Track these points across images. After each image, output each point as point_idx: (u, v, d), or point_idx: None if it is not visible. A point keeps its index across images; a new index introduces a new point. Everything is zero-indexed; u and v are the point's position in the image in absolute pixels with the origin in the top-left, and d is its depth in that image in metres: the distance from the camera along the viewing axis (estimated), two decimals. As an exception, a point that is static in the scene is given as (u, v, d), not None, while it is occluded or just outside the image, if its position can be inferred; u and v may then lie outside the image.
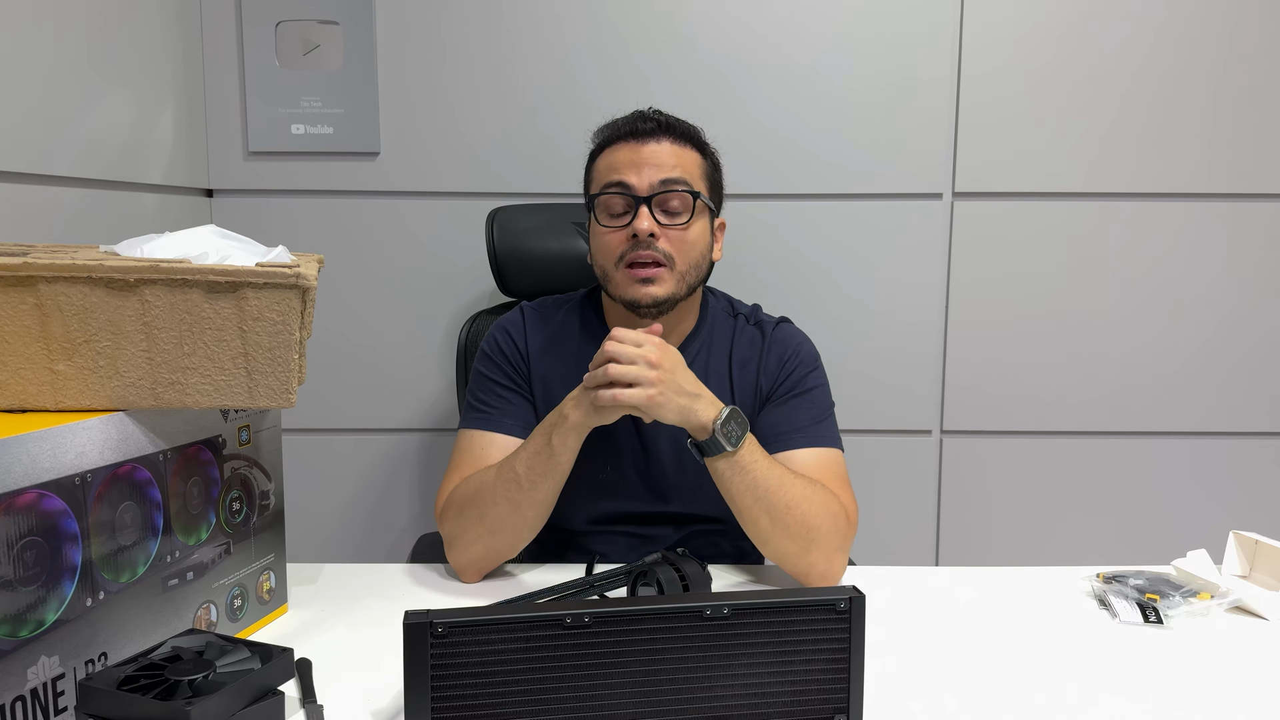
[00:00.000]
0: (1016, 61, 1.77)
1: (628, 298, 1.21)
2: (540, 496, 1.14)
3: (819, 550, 1.14)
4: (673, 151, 1.22)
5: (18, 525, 0.74)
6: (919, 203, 1.81)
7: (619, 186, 1.21)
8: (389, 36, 1.76)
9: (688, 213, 1.21)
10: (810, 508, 1.13)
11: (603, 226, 1.22)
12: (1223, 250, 1.82)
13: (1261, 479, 1.88)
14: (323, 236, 1.81)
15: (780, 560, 1.16)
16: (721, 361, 1.29)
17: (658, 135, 1.23)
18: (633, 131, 1.23)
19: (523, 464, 1.14)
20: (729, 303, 1.36)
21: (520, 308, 1.35)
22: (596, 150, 1.28)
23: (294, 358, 0.90)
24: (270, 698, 0.80)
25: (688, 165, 1.23)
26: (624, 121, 1.25)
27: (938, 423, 1.87)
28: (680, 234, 1.21)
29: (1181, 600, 1.07)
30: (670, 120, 1.25)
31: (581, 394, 1.12)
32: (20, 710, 0.75)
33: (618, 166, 1.22)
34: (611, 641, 0.76)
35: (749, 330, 1.32)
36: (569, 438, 1.12)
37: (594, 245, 1.26)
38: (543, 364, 1.29)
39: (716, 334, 1.31)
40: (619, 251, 1.20)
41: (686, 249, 1.21)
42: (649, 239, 1.18)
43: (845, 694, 0.79)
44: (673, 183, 1.20)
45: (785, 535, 1.13)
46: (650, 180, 1.20)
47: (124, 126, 1.52)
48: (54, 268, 0.83)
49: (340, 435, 1.88)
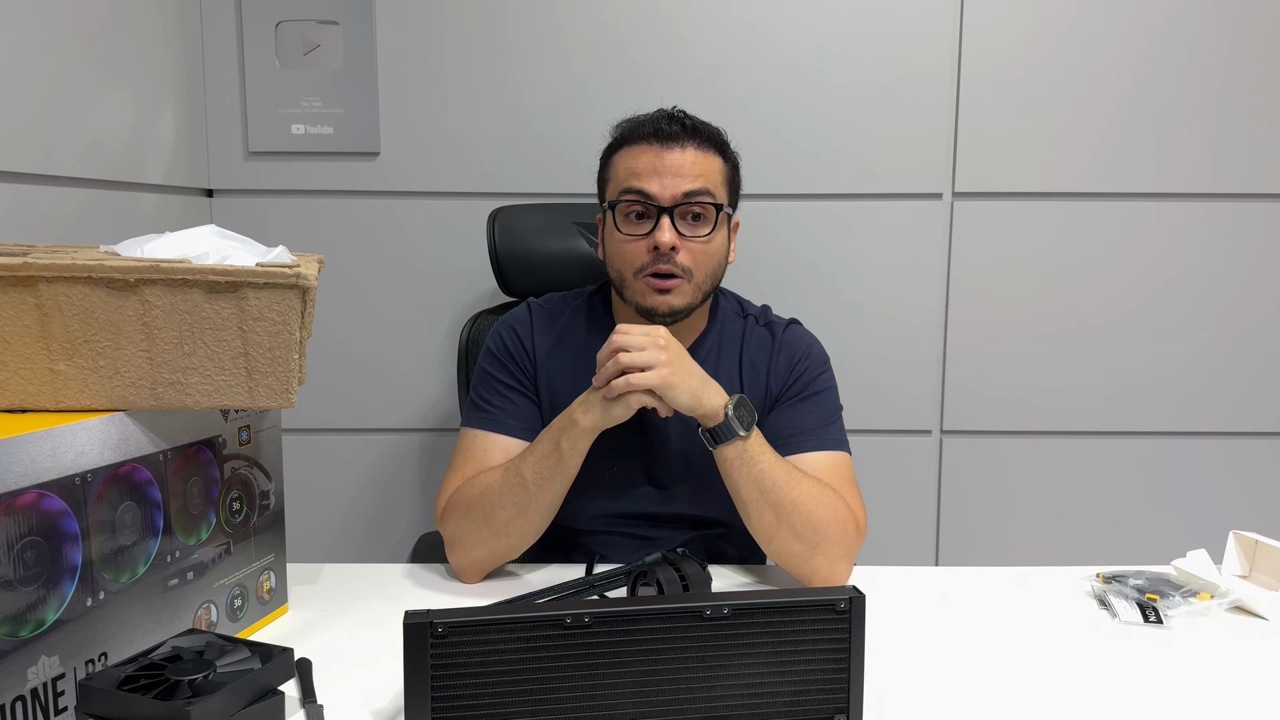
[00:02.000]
0: (1016, 61, 1.77)
1: (645, 306, 1.20)
2: (547, 500, 1.14)
3: (824, 554, 1.12)
4: (696, 159, 1.19)
5: (18, 525, 0.74)
6: (919, 203, 1.81)
7: (640, 195, 1.18)
8: (389, 36, 1.76)
9: (710, 224, 1.19)
10: (817, 508, 1.12)
11: (622, 234, 1.20)
12: (1223, 250, 1.82)
13: (1261, 479, 1.88)
14: (323, 236, 1.81)
15: (784, 561, 1.15)
16: (731, 363, 1.29)
17: (682, 140, 1.19)
18: (657, 134, 1.19)
19: (530, 468, 1.13)
20: (739, 303, 1.35)
21: (528, 304, 1.33)
22: (615, 145, 1.24)
23: (294, 358, 0.90)
24: (270, 698, 0.80)
25: (711, 173, 1.20)
26: (648, 121, 1.21)
27: (937, 423, 1.87)
28: (702, 246, 1.19)
29: (1181, 600, 1.07)
30: (696, 123, 1.21)
31: (590, 396, 1.11)
32: (20, 710, 0.75)
33: (639, 172, 1.18)
34: (611, 641, 0.76)
35: (759, 332, 1.31)
36: (578, 442, 1.12)
37: (610, 249, 1.23)
38: (549, 363, 1.28)
39: (727, 335, 1.30)
40: (639, 263, 1.18)
41: (706, 261, 1.20)
42: (670, 251, 1.16)
43: (845, 694, 0.79)
44: (696, 194, 1.17)
45: (791, 533, 1.12)
46: (674, 191, 1.17)
47: (124, 126, 1.53)
48: (54, 268, 0.83)
49: (340, 435, 1.88)
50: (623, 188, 1.19)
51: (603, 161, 1.27)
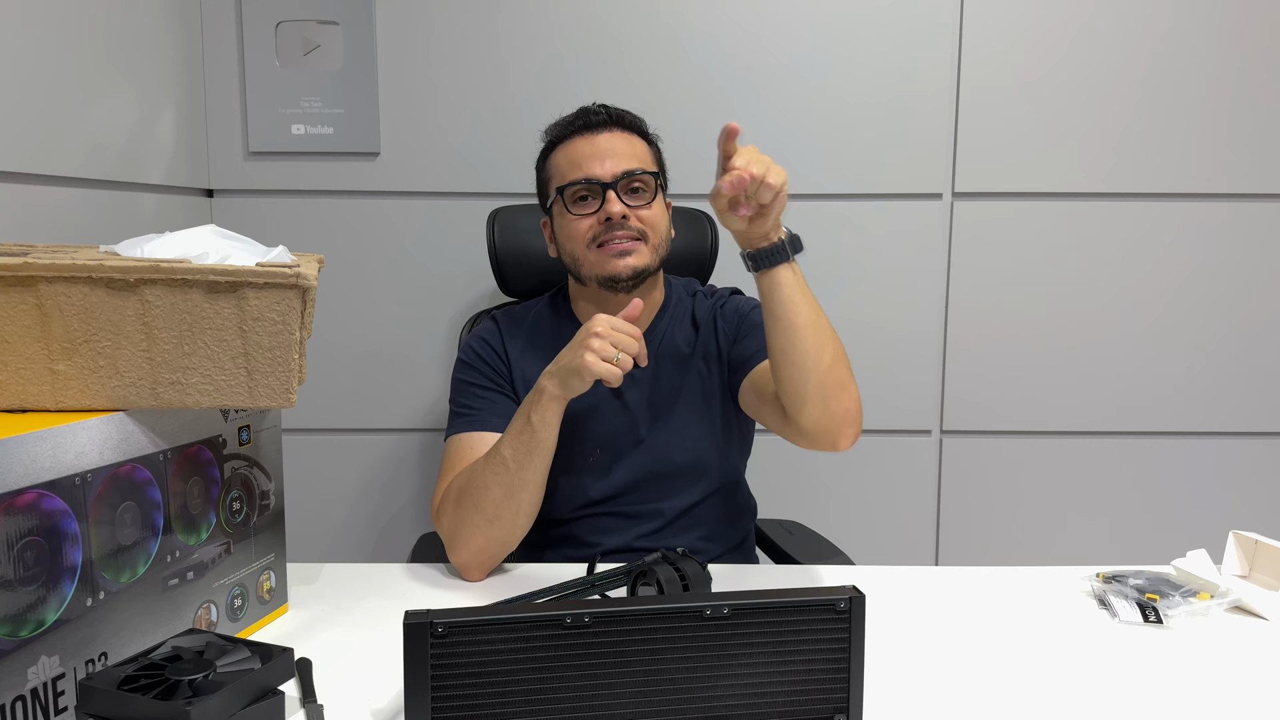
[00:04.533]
0: (1016, 61, 1.77)
1: (606, 273, 1.26)
2: (529, 477, 1.15)
3: (853, 387, 1.16)
4: (625, 141, 1.30)
5: (18, 525, 0.74)
6: (919, 203, 1.81)
7: (585, 177, 1.26)
8: (389, 36, 1.76)
9: (650, 193, 1.29)
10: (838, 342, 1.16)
11: (572, 215, 1.28)
12: (1223, 250, 1.82)
13: (1261, 479, 1.88)
14: (323, 236, 1.81)
15: (823, 393, 1.13)
16: (687, 328, 1.37)
17: (610, 126, 1.30)
18: (587, 125, 1.30)
19: (507, 446, 1.16)
20: (685, 286, 1.44)
21: (492, 316, 1.42)
22: (550, 147, 1.34)
23: (294, 358, 0.90)
24: (270, 698, 0.80)
25: (639, 152, 1.30)
26: (574, 117, 1.32)
27: (937, 423, 1.87)
28: (647, 212, 1.28)
29: (1181, 600, 1.07)
30: (617, 112, 1.32)
31: (553, 366, 1.16)
32: (20, 710, 0.75)
33: (579, 161, 1.28)
34: (611, 641, 0.76)
35: (705, 302, 1.40)
36: (547, 412, 1.15)
37: (562, 235, 1.31)
38: (523, 363, 1.33)
39: (680, 310, 1.39)
40: (590, 234, 1.26)
41: (655, 223, 1.29)
42: (621, 220, 1.25)
43: (845, 694, 0.79)
44: (632, 170, 1.27)
45: (835, 358, 1.14)
46: (613, 169, 1.26)
47: (124, 127, 1.53)
48: (54, 268, 0.83)
49: (340, 435, 1.88)
50: (568, 178, 1.28)
51: (538, 167, 1.36)
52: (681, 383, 1.34)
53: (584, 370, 1.10)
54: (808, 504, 1.85)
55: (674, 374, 1.34)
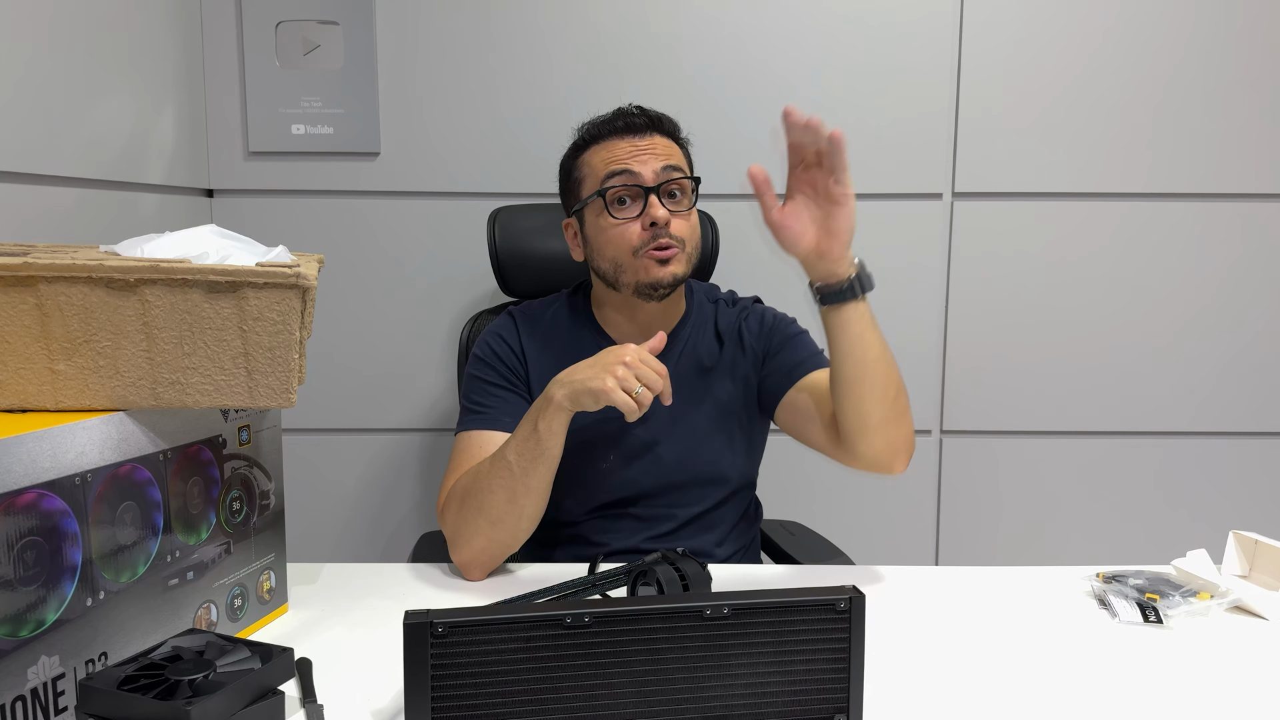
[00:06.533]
0: (1016, 61, 1.77)
1: (650, 280, 1.24)
2: (534, 483, 1.14)
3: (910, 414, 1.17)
4: (664, 144, 1.27)
5: (18, 525, 0.74)
6: (919, 203, 1.81)
7: (626, 176, 1.23)
8: (389, 36, 1.76)
9: (688, 199, 1.27)
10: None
11: (614, 219, 1.24)
12: (1222, 250, 1.82)
13: (1261, 479, 1.88)
14: (323, 236, 1.81)
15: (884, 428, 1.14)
16: (710, 340, 1.35)
17: (650, 130, 1.27)
18: (628, 126, 1.26)
19: (513, 451, 1.15)
20: (706, 292, 1.42)
21: (509, 312, 1.38)
22: (582, 146, 1.30)
23: (294, 357, 0.90)
24: (270, 698, 0.80)
25: (676, 155, 1.28)
26: (613, 117, 1.28)
27: (937, 423, 1.87)
28: (686, 218, 1.26)
29: (1181, 600, 1.07)
30: (657, 115, 1.29)
31: (563, 375, 1.13)
32: (20, 710, 0.75)
33: (620, 159, 1.24)
34: (611, 641, 0.76)
35: (728, 311, 1.38)
36: (554, 421, 1.12)
37: (601, 239, 1.26)
38: (541, 363, 1.31)
39: (703, 318, 1.37)
40: (637, 242, 1.23)
41: (692, 232, 1.27)
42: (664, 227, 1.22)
43: (845, 694, 0.79)
44: (674, 170, 1.24)
45: (900, 392, 1.15)
46: (655, 170, 1.23)
47: (124, 126, 1.53)
48: (54, 268, 0.83)
49: (340, 435, 1.88)
50: (607, 174, 1.24)
51: (567, 166, 1.32)
52: (702, 394, 1.32)
53: (601, 395, 1.07)
54: (808, 504, 1.85)
55: (695, 385, 1.31)
